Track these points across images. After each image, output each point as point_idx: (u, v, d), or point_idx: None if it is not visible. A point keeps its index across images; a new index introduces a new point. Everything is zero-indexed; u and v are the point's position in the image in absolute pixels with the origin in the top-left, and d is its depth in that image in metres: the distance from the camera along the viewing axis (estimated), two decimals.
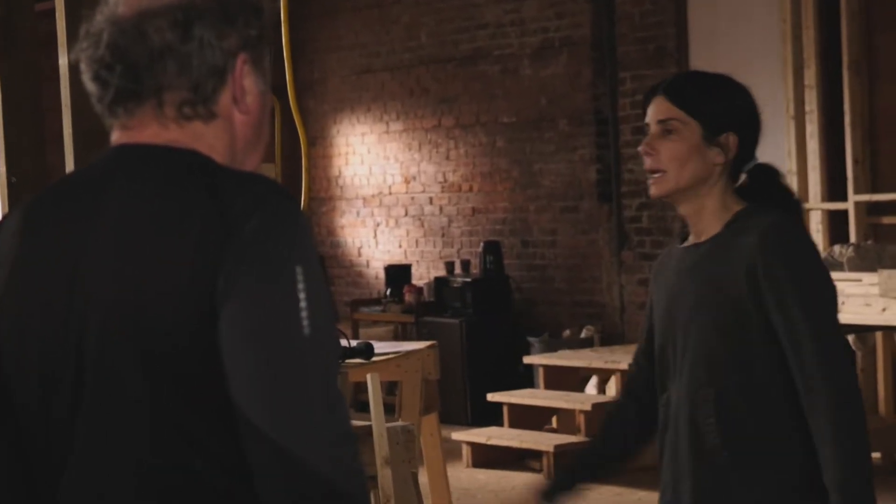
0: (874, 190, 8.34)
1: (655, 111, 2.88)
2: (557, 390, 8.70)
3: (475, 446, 8.45)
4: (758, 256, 2.75)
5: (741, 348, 2.77)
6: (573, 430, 8.42)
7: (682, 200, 2.88)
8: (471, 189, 10.81)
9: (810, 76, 8.48)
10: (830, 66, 8.46)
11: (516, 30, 10.37)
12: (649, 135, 2.88)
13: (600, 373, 8.73)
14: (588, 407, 8.17)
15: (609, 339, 9.74)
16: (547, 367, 8.82)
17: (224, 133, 1.89)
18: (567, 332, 9.86)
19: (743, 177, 2.90)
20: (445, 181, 11.01)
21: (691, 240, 2.93)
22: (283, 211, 1.79)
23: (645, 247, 9.67)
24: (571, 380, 8.84)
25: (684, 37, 9.44)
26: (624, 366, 8.24)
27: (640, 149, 2.92)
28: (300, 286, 1.75)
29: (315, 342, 1.75)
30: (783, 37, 8.59)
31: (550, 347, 9.44)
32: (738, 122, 2.87)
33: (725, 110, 2.87)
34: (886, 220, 8.34)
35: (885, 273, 6.99)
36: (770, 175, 2.92)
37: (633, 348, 9.55)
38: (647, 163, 2.87)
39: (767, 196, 2.88)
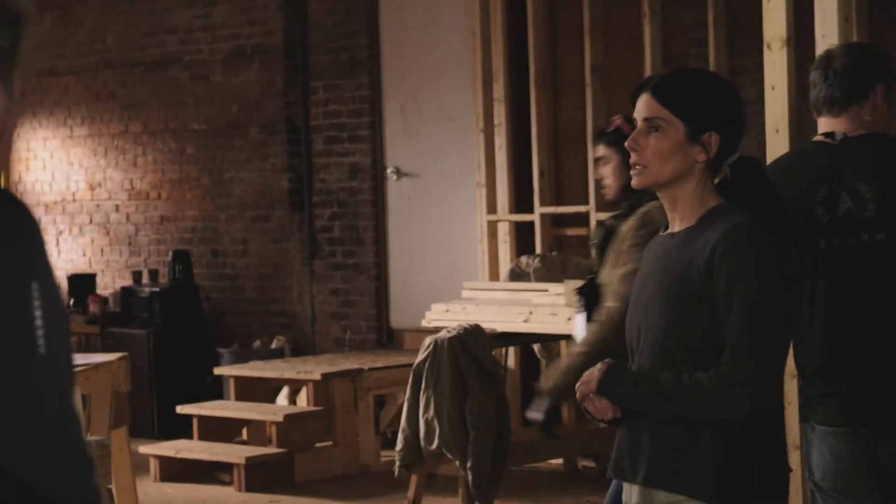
0: (558, 202, 8.60)
1: (642, 108, 3.00)
2: (248, 401, 8.61)
3: (163, 459, 8.28)
4: (715, 255, 2.90)
5: (693, 337, 2.93)
6: (264, 442, 8.36)
7: (662, 191, 3.02)
8: (159, 197, 10.60)
9: (499, 90, 8.67)
10: (518, 80, 8.67)
11: (207, 35, 10.23)
12: (635, 130, 3.00)
13: (291, 383, 8.69)
14: (280, 418, 8.11)
15: (300, 349, 9.71)
16: (237, 378, 8.71)
17: None
18: (258, 343, 9.78)
19: (725, 170, 3.03)
20: (133, 188, 10.76)
21: (670, 229, 3.07)
22: (18, 223, 1.69)
23: (336, 256, 9.69)
24: (262, 391, 8.76)
25: (377, 47, 9.51)
26: (316, 376, 8.21)
27: (626, 144, 3.02)
28: (36, 303, 1.65)
29: (51, 362, 1.67)
30: (473, 50, 8.76)
31: (241, 358, 9.34)
32: (720, 122, 3.00)
33: (709, 111, 3.00)
34: (570, 231, 8.60)
35: (570, 283, 7.19)
36: (751, 169, 3.05)
37: (324, 358, 9.55)
38: (633, 157, 2.99)
39: (748, 190, 3.02)
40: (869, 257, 3.72)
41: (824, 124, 3.88)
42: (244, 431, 8.60)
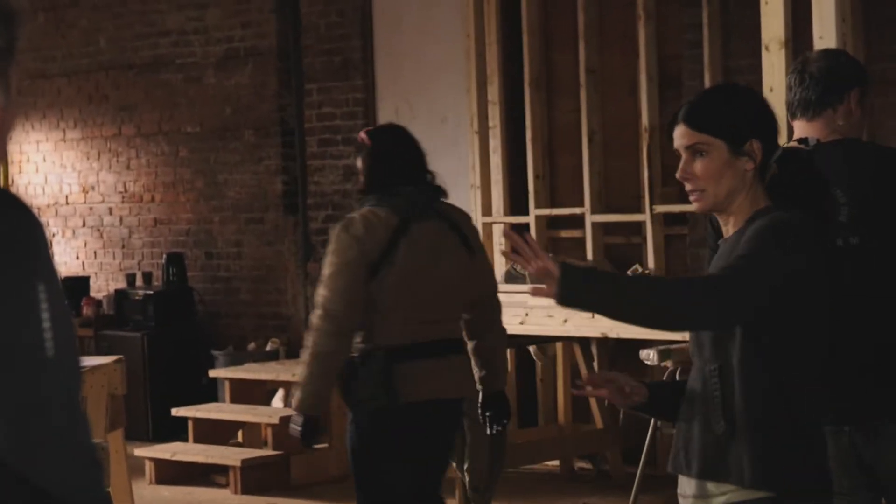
0: (553, 204, 8.59)
1: (680, 139, 3.13)
2: (243, 404, 8.60)
3: (159, 462, 8.27)
4: (741, 240, 3.05)
5: (735, 333, 3.02)
6: (259, 444, 8.35)
7: (722, 210, 3.14)
8: (153, 199, 10.59)
9: (493, 92, 8.66)
10: (512, 82, 8.67)
11: (200, 38, 10.22)
12: (682, 161, 3.12)
13: (287, 385, 8.67)
14: (275, 420, 8.10)
15: (295, 351, 9.68)
16: (233, 381, 8.71)
17: None
18: (252, 345, 9.77)
19: (773, 168, 3.15)
20: (126, 191, 10.75)
21: (724, 236, 3.19)
22: (22, 225, 1.68)
23: None
24: (258, 393, 8.76)
25: (370, 50, 9.50)
26: None
27: (677, 175, 3.14)
28: (43, 305, 1.65)
29: (59, 364, 1.66)
30: (467, 53, 8.75)
31: (235, 360, 9.33)
32: (757, 128, 3.12)
33: (742, 120, 3.12)
34: (565, 233, 8.60)
35: None
36: (795, 161, 3.18)
37: None
38: (687, 186, 3.12)
39: (794, 183, 3.15)
40: (844, 262, 3.74)
41: (798, 129, 3.92)
42: (239, 434, 8.59)
